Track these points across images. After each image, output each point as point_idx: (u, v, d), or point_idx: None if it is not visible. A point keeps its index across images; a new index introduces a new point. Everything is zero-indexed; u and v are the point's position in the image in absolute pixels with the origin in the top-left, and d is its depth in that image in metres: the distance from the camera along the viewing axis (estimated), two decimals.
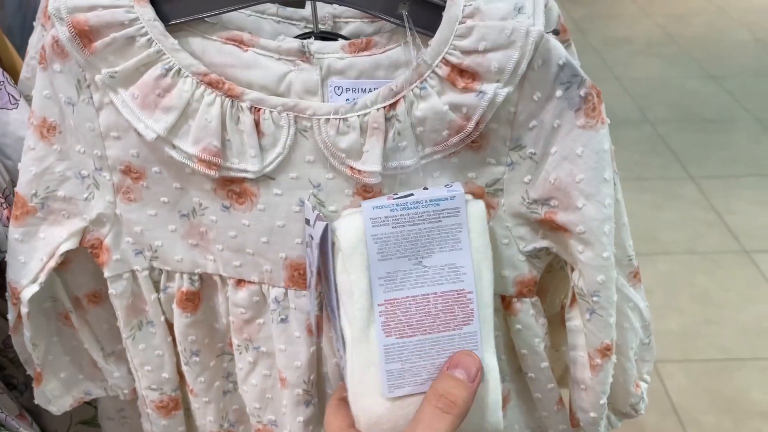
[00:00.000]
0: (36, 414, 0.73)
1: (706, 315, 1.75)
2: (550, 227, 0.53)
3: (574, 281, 0.53)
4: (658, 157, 2.46)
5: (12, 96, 0.61)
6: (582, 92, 0.48)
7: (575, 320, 0.56)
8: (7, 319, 0.71)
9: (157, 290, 0.59)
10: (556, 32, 0.48)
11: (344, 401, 0.51)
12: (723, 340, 1.67)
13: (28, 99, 0.62)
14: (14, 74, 0.66)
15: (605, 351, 0.54)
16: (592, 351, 0.54)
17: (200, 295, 0.58)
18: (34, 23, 0.68)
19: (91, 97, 0.51)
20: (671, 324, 1.72)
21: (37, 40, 0.64)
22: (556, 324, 0.61)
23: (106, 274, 0.57)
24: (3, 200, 0.60)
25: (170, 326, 0.60)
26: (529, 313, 0.55)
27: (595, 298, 0.52)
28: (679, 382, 1.56)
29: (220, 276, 0.57)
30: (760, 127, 2.66)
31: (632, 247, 0.58)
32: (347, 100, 0.50)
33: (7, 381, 0.71)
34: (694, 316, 1.74)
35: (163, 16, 0.49)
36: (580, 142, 0.49)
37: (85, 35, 0.48)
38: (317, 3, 0.51)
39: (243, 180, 0.52)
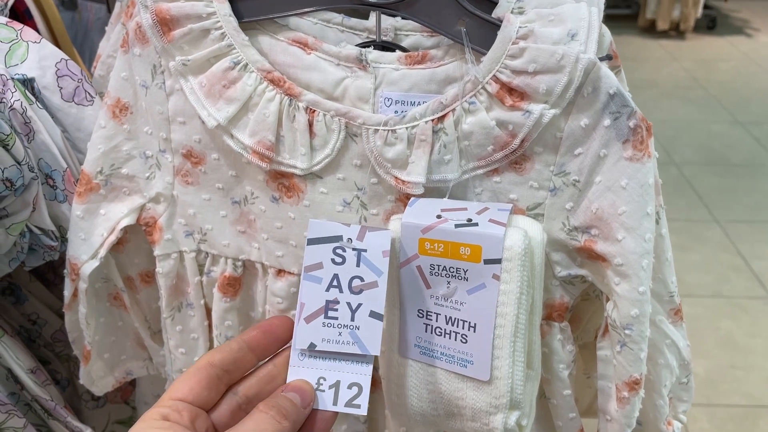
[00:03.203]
0: (76, 411, 0.76)
1: (732, 360, 1.70)
2: (588, 256, 0.53)
3: (608, 312, 0.53)
4: (683, 198, 2.43)
5: (88, 93, 0.64)
6: (631, 123, 0.48)
7: (605, 350, 0.55)
8: (55, 313, 0.75)
9: (201, 273, 0.61)
10: (609, 57, 0.49)
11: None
12: (748, 386, 1.62)
13: (102, 96, 0.65)
14: None
15: (633, 385, 0.53)
16: (620, 383, 0.54)
17: (241, 282, 0.61)
18: (107, 27, 0.73)
19: (164, 83, 0.55)
20: (696, 368, 1.67)
21: (114, 41, 0.68)
22: (591, 350, 0.61)
23: (156, 252, 0.60)
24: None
25: (208, 311, 0.63)
26: (556, 338, 0.55)
27: (627, 331, 0.51)
28: (703, 426, 1.52)
29: (262, 264, 0.59)
30: None
31: (675, 284, 0.57)
32: (396, 112, 0.52)
33: (51, 376, 0.73)
34: (719, 361, 1.70)
35: (238, 13, 0.52)
36: (625, 174, 0.49)
37: (165, 23, 0.52)
38: (381, 15, 0.53)
39: (293, 175, 0.54)
